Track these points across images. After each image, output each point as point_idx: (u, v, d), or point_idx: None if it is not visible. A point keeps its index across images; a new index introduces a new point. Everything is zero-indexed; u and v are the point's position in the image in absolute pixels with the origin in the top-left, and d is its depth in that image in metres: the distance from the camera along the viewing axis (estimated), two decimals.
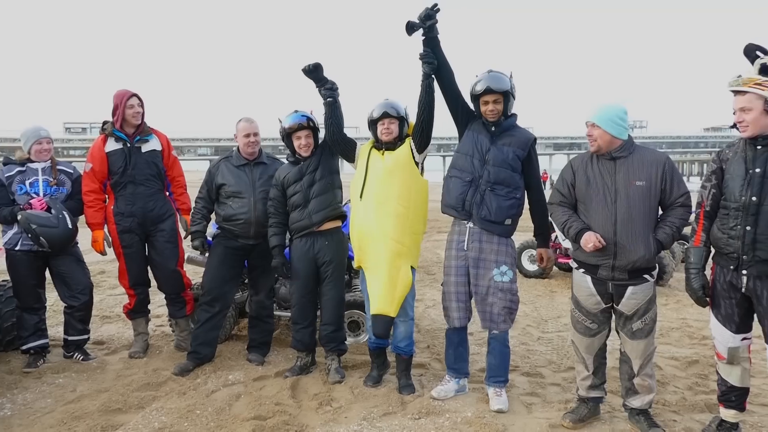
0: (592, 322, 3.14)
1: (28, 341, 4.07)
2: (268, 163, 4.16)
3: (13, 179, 4.03)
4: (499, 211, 3.32)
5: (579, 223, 3.04)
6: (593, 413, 3.22)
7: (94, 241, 4.20)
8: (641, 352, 3.05)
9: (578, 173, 3.10)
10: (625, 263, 2.96)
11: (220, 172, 4.11)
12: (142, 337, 4.43)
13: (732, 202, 2.76)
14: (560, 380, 3.88)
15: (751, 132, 2.67)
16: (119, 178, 4.14)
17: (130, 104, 4.13)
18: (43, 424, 3.19)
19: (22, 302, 4.10)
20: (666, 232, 2.96)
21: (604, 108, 3.00)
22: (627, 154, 2.99)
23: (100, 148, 4.14)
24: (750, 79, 2.63)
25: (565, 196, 3.16)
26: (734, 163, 2.78)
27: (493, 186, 3.32)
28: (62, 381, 3.84)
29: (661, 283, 6.88)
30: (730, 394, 2.97)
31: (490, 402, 3.39)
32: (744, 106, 2.65)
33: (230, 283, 4.17)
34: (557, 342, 4.77)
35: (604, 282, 3.04)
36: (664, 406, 3.44)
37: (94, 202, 4.17)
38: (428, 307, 5.90)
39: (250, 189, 4.02)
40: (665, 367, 4.16)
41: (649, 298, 3.03)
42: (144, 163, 4.20)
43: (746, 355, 2.90)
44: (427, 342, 4.69)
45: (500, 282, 3.35)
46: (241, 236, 4.06)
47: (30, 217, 3.83)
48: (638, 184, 2.93)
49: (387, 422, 3.20)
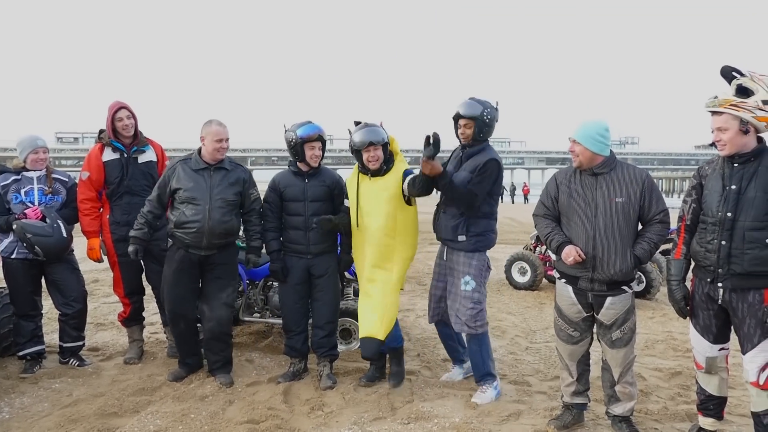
0: (574, 330, 3.24)
1: (25, 347, 4.12)
2: (229, 169, 3.92)
3: (9, 188, 4.06)
4: (447, 230, 3.71)
5: (561, 236, 3.15)
6: (577, 420, 3.32)
7: (90, 248, 4.24)
8: (621, 360, 3.15)
9: (561, 187, 3.20)
10: (603, 276, 3.06)
11: (176, 175, 3.84)
12: (137, 344, 4.48)
13: (709, 217, 2.87)
14: (546, 389, 3.98)
15: (728, 151, 2.79)
16: (116, 188, 4.19)
17: (119, 117, 4.17)
18: (40, 427, 3.25)
19: (18, 309, 4.15)
20: (644, 248, 3.06)
21: (585, 125, 3.10)
22: (608, 171, 3.08)
23: (98, 156, 4.18)
24: (726, 101, 2.74)
25: (549, 208, 3.27)
26: (712, 179, 2.89)
27: (445, 208, 3.74)
28: (58, 386, 3.90)
29: (648, 297, 7.00)
30: (708, 403, 3.09)
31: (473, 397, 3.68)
32: (721, 126, 2.76)
33: (188, 300, 3.96)
34: (545, 352, 4.87)
35: (585, 292, 3.15)
36: (647, 415, 3.54)
37: (90, 210, 4.20)
38: (419, 317, 5.98)
39: (206, 195, 3.78)
40: (649, 377, 4.27)
41: (627, 309, 3.13)
42: (140, 174, 4.25)
43: (724, 365, 3.02)
44: (417, 350, 4.78)
45: (464, 290, 3.67)
46: (192, 246, 3.82)
47: (25, 227, 3.87)
48: (618, 201, 3.03)
49: (377, 427, 3.29)
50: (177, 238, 3.87)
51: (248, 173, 4.08)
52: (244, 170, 4.06)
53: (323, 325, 3.95)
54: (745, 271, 2.74)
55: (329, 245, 3.96)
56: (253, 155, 77.08)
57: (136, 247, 3.86)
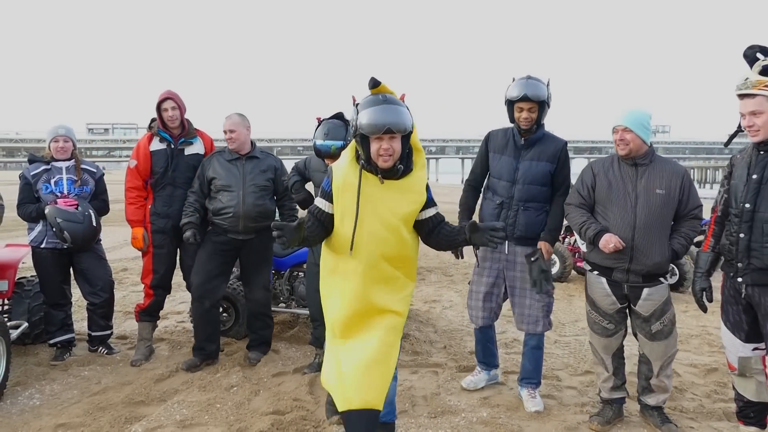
0: (609, 322, 3.16)
1: (55, 335, 4.18)
2: (260, 158, 4.13)
3: (39, 177, 4.11)
4: (532, 226, 3.36)
5: (597, 225, 3.07)
6: (618, 415, 3.25)
7: (133, 237, 4.21)
8: (662, 353, 3.08)
9: (599, 177, 3.14)
10: (640, 267, 2.99)
11: (211, 165, 4.04)
12: (145, 343, 4.29)
13: (733, 208, 2.73)
14: (577, 383, 3.88)
15: (762, 136, 2.59)
16: (159, 178, 4.16)
17: (164, 108, 4.13)
18: (70, 413, 3.29)
19: (48, 298, 4.20)
20: (680, 243, 3.02)
21: (635, 113, 3.04)
22: (648, 162, 3.05)
23: (145, 146, 4.18)
24: (760, 81, 2.54)
25: (585, 198, 3.19)
26: (739, 168, 2.75)
27: (525, 205, 3.35)
28: (87, 374, 3.95)
29: (681, 290, 6.82)
30: (748, 410, 2.90)
31: (525, 404, 3.42)
32: (754, 109, 2.57)
33: (218, 279, 4.08)
34: (574, 346, 4.76)
35: (620, 284, 3.07)
36: (682, 413, 3.43)
37: (136, 199, 4.19)
38: (445, 309, 5.93)
39: (240, 182, 3.98)
40: (683, 373, 4.14)
41: (664, 300, 3.07)
42: (185, 166, 4.19)
43: (760, 367, 2.80)
44: (443, 342, 4.72)
45: None
46: (229, 230, 4.00)
47: (56, 212, 3.92)
48: (658, 192, 2.98)
49: (403, 420, 3.24)
50: (216, 224, 4.07)
51: (279, 161, 4.31)
52: (275, 159, 4.26)
53: None
54: (765, 266, 2.59)
55: None
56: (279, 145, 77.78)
57: (193, 231, 3.98)
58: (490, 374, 3.75)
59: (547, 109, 3.38)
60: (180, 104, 4.17)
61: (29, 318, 4.30)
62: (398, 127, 2.32)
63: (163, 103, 4.12)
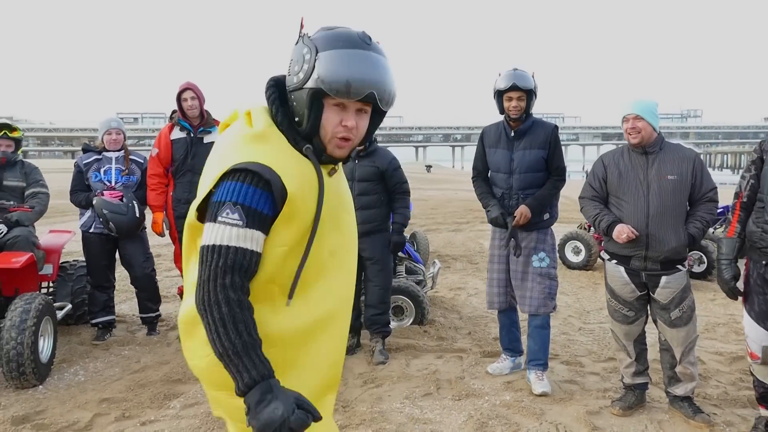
0: (629, 310, 3.20)
1: (98, 316, 4.41)
2: None
3: (90, 166, 4.39)
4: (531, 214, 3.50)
5: (610, 216, 3.12)
6: (640, 401, 3.29)
7: (153, 222, 4.46)
8: (682, 339, 3.10)
9: (609, 168, 3.19)
10: (657, 254, 3.02)
11: None
12: None
13: (765, 195, 2.70)
14: (600, 370, 3.93)
15: None
16: (180, 165, 4.38)
17: (184, 98, 4.34)
18: (112, 389, 3.49)
19: (94, 281, 4.44)
20: (697, 226, 3.03)
21: (644, 102, 3.08)
22: (658, 150, 3.08)
23: (167, 135, 4.41)
24: None
25: (597, 190, 3.24)
26: None
27: (528, 192, 3.52)
28: (127, 353, 4.16)
29: (710, 278, 6.76)
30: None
31: (533, 386, 3.49)
32: None
33: None
34: (598, 333, 4.80)
35: (638, 272, 3.11)
36: (705, 399, 3.46)
37: (157, 185, 4.41)
38: (470, 296, 6.01)
39: None
40: (708, 361, 4.15)
41: (683, 287, 3.08)
42: (204, 154, 4.33)
43: None
44: (468, 329, 4.80)
45: (538, 267, 3.51)
46: None
47: (103, 203, 4.16)
48: (670, 178, 3.01)
49: (427, 402, 3.35)
50: None
51: None
52: None
53: (377, 304, 4.02)
54: None
55: (378, 224, 3.97)
56: None
57: None
58: (515, 362, 3.83)
59: (535, 99, 3.53)
60: (199, 95, 4.36)
61: (72, 300, 4.57)
62: (387, 93, 1.39)
63: (183, 93, 4.33)
